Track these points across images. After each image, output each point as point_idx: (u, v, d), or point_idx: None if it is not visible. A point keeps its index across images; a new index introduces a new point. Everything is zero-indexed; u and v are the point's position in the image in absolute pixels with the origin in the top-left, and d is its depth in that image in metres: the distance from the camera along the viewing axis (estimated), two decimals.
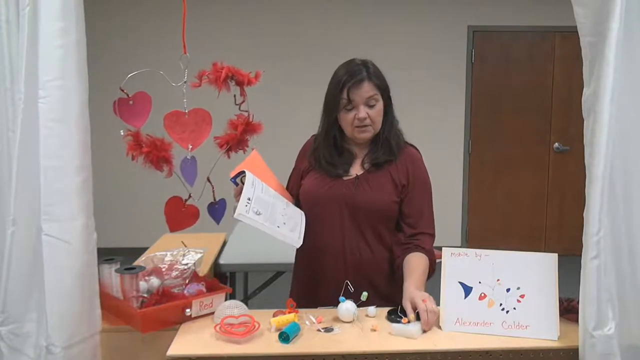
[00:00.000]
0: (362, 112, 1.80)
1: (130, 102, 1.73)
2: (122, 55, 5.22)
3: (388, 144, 1.86)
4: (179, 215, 1.90)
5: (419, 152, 1.94)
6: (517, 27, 5.55)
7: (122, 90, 1.72)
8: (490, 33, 5.59)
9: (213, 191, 1.94)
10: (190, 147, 1.85)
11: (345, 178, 1.86)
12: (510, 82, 5.62)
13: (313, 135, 1.98)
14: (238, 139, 1.88)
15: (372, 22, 5.50)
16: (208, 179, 1.91)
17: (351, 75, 1.79)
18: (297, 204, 1.93)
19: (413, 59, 5.48)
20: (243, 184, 1.79)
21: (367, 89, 1.79)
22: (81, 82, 1.48)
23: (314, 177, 1.91)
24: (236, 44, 5.38)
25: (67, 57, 1.44)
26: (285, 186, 2.02)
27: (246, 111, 1.89)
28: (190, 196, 1.90)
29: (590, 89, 1.44)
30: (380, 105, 1.82)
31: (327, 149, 1.89)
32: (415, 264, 1.79)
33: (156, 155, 1.74)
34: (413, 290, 1.68)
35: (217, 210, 1.98)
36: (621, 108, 1.40)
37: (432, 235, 1.89)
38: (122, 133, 1.72)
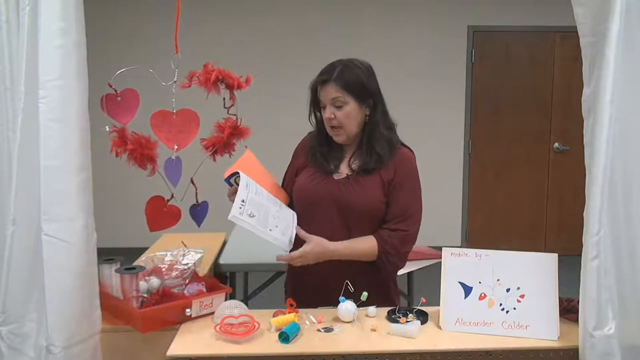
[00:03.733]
0: (327, 112, 1.83)
1: (118, 98, 1.72)
2: (122, 55, 5.22)
3: (374, 152, 1.84)
4: (160, 215, 1.89)
5: (412, 153, 1.92)
6: (517, 27, 5.55)
7: (111, 86, 1.71)
8: (490, 33, 5.59)
9: (196, 193, 1.93)
10: (176, 147, 1.84)
11: (336, 177, 1.87)
12: (510, 82, 5.62)
13: (309, 133, 2.00)
14: (224, 142, 1.87)
15: (371, 22, 5.49)
16: (192, 181, 1.90)
17: (320, 75, 1.84)
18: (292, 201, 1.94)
19: (413, 59, 5.48)
20: (237, 184, 1.79)
21: (330, 91, 1.81)
22: (81, 82, 1.48)
23: (307, 174, 1.92)
24: (234, 45, 5.38)
25: (67, 57, 1.44)
26: (280, 184, 2.02)
27: (234, 115, 1.88)
28: (172, 196, 1.89)
29: (590, 89, 1.44)
30: (349, 108, 1.81)
31: (318, 141, 1.93)
32: (359, 239, 1.81)
33: (140, 153, 1.72)
34: (321, 241, 1.75)
35: (199, 212, 1.97)
36: (621, 108, 1.40)
37: (407, 233, 1.83)
38: (107, 129, 1.71)
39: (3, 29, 1.47)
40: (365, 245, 1.81)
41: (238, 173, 1.77)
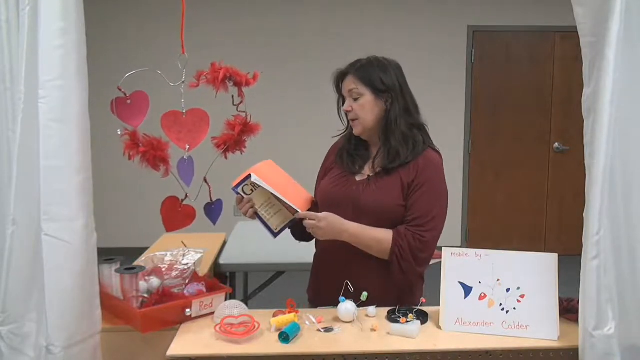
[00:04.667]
0: (346, 104, 1.86)
1: (128, 102, 1.73)
2: (122, 55, 5.23)
3: (394, 150, 1.81)
4: (175, 216, 1.90)
5: (440, 157, 1.88)
6: (517, 27, 5.55)
7: (120, 90, 1.72)
8: (490, 33, 5.59)
9: (210, 191, 1.95)
10: (188, 147, 1.85)
11: (357, 178, 1.87)
12: (510, 82, 5.62)
13: (343, 136, 2.00)
14: (235, 139, 1.88)
15: (371, 22, 5.49)
16: (205, 180, 1.91)
17: (342, 69, 1.87)
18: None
19: (413, 59, 5.48)
20: (245, 194, 1.79)
21: (348, 82, 1.84)
22: (81, 82, 1.48)
23: (331, 176, 1.93)
24: (237, 44, 5.38)
25: (67, 57, 1.44)
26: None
27: (244, 112, 1.88)
28: (186, 196, 1.90)
29: (590, 89, 1.44)
30: (365, 100, 1.82)
31: (347, 140, 1.94)
32: (375, 228, 1.78)
33: (153, 154, 1.73)
34: (331, 218, 1.74)
35: (214, 210, 1.98)
36: (621, 108, 1.40)
37: (423, 239, 1.76)
38: (119, 132, 1.72)
39: (3, 29, 1.47)
40: (379, 233, 1.77)
41: (249, 177, 1.76)
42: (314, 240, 1.97)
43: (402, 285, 1.83)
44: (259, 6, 5.46)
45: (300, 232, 1.93)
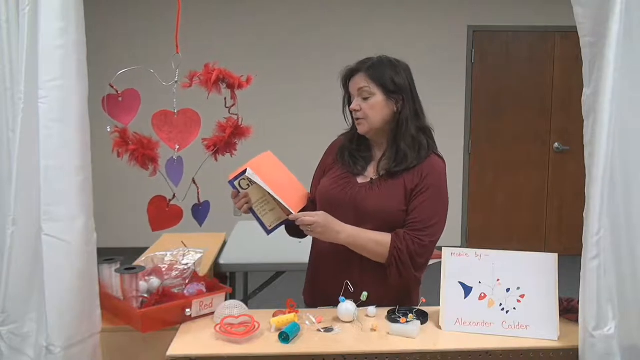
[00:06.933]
0: (354, 103, 1.82)
1: (119, 99, 1.72)
2: (122, 55, 5.22)
3: (403, 154, 1.79)
4: (162, 215, 1.89)
5: (444, 163, 1.87)
6: (517, 27, 5.55)
7: (112, 87, 1.71)
8: (490, 33, 5.59)
9: (198, 193, 1.93)
10: (177, 147, 1.84)
11: (360, 180, 1.84)
12: (510, 82, 5.62)
13: (341, 135, 1.98)
14: (226, 141, 1.87)
15: (372, 21, 5.49)
16: (193, 180, 1.90)
17: (352, 66, 1.83)
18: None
19: (413, 59, 5.47)
20: (242, 188, 1.79)
21: (358, 80, 1.80)
22: (81, 82, 1.49)
23: (331, 176, 1.90)
24: (235, 43, 5.38)
25: (67, 57, 1.44)
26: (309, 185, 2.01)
27: (236, 114, 1.88)
28: (174, 196, 1.89)
29: (590, 89, 1.44)
30: (375, 99, 1.79)
31: (350, 139, 1.91)
32: (373, 231, 1.76)
33: (142, 153, 1.72)
34: (329, 218, 1.72)
35: (201, 212, 1.97)
36: (621, 108, 1.40)
37: (422, 242, 1.75)
38: (108, 129, 1.71)
39: (3, 29, 1.47)
40: (378, 235, 1.75)
41: (245, 171, 1.76)
42: (310, 244, 1.96)
43: (399, 289, 1.82)
44: (259, 4, 5.45)
45: (295, 229, 1.91)
